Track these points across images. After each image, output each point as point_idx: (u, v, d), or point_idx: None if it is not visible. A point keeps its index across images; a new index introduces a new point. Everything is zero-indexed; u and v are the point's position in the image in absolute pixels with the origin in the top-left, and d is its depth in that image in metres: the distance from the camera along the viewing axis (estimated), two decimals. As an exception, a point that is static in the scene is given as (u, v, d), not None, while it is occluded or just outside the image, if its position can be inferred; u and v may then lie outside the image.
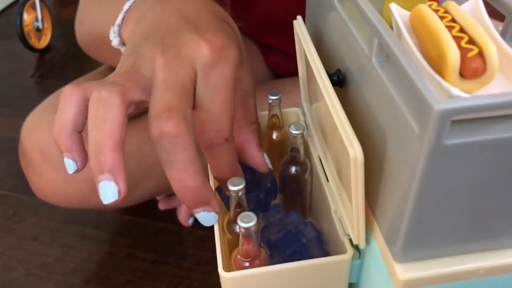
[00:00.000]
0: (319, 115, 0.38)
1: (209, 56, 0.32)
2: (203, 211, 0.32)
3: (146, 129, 0.31)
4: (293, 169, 0.39)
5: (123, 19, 0.41)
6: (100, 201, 0.32)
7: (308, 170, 0.40)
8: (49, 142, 0.62)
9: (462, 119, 0.22)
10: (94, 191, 0.66)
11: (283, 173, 0.40)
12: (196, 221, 0.80)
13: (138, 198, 0.71)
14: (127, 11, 0.41)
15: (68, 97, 0.31)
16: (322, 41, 0.38)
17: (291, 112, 0.45)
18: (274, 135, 0.44)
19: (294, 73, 0.47)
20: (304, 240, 0.38)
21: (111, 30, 0.42)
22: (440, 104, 0.21)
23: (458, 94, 0.22)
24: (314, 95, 0.38)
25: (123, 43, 0.42)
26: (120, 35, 0.42)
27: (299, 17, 0.38)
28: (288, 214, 0.40)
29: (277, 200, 0.42)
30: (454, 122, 0.22)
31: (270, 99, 0.42)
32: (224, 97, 0.32)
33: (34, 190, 0.67)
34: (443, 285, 0.28)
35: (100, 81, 0.32)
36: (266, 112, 0.44)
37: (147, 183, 0.70)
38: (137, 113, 0.68)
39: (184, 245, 0.80)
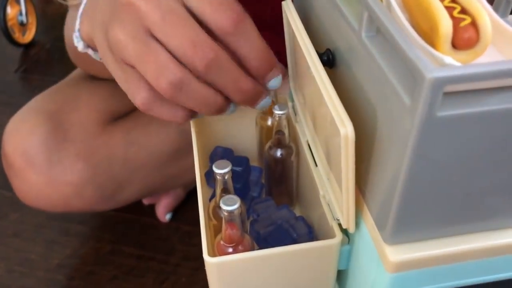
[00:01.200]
0: (308, 99, 0.37)
1: None
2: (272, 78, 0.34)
3: (129, 131, 0.30)
4: (279, 151, 0.38)
5: (80, 23, 0.41)
6: (83, 204, 0.32)
7: (294, 152, 0.39)
8: (32, 144, 0.61)
9: (454, 91, 0.22)
10: (77, 195, 0.64)
11: (269, 155, 0.39)
12: (174, 216, 0.79)
13: (123, 201, 0.71)
14: (81, 14, 0.41)
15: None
16: (311, 22, 0.37)
17: (279, 99, 0.44)
18: (269, 122, 0.43)
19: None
20: (295, 235, 0.37)
21: (73, 37, 0.41)
22: (432, 73, 0.20)
23: (450, 63, 0.21)
24: (302, 79, 0.37)
25: (87, 46, 0.42)
26: (82, 38, 0.41)
27: (287, -1, 0.37)
28: (278, 208, 0.39)
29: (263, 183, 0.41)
30: (447, 94, 0.21)
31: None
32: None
33: (17, 193, 0.66)
34: (434, 267, 0.27)
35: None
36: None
37: (132, 186, 0.70)
38: (120, 115, 0.68)
39: (171, 241, 0.78)
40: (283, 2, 0.37)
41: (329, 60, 0.32)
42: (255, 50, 0.33)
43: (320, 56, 0.32)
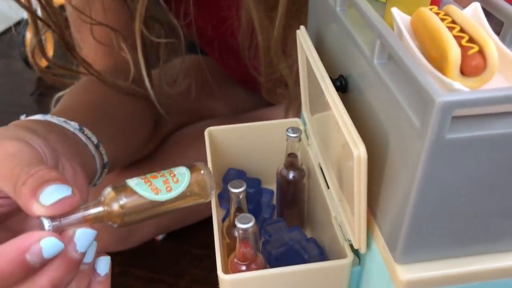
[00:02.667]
0: (321, 123, 0.38)
1: None
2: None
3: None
4: (291, 174, 0.39)
5: None
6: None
7: (306, 175, 0.40)
8: None
9: (463, 115, 0.23)
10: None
11: (281, 177, 0.40)
12: (185, 239, 0.80)
13: (137, 242, 0.74)
14: None
15: None
16: (324, 49, 0.38)
17: (291, 123, 0.46)
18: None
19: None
20: (306, 256, 0.38)
21: None
22: (442, 97, 0.21)
23: (459, 88, 0.22)
24: (315, 104, 0.39)
25: None
26: None
27: (302, 27, 0.39)
28: (290, 229, 0.40)
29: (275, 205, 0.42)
30: (456, 117, 0.23)
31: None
32: None
33: None
34: (444, 287, 0.28)
35: None
36: (272, 122, 0.44)
37: (147, 227, 0.73)
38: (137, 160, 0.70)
39: (180, 264, 0.78)
40: (297, 30, 0.39)
41: (341, 85, 0.34)
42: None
43: (334, 82, 0.34)
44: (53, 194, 0.28)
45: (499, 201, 0.25)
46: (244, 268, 0.33)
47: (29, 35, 1.30)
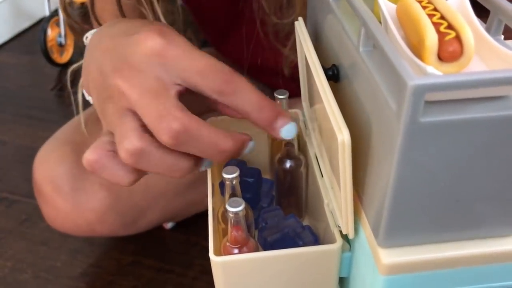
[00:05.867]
0: (317, 113, 0.39)
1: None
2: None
3: None
4: (288, 163, 0.40)
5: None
6: (106, 230, 0.35)
7: (303, 164, 0.41)
8: (59, 173, 0.66)
9: (437, 100, 0.23)
10: (100, 221, 0.69)
11: (278, 167, 0.41)
12: (194, 231, 0.82)
13: (144, 227, 0.75)
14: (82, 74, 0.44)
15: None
16: (321, 39, 0.39)
17: (292, 114, 0.46)
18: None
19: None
20: (301, 243, 0.39)
21: (85, 95, 0.44)
22: (414, 80, 0.22)
23: (432, 72, 0.22)
24: (312, 94, 0.39)
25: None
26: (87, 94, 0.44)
27: (300, 18, 0.40)
28: (286, 217, 0.41)
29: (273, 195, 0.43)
30: (431, 102, 0.23)
31: (278, 98, 0.43)
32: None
33: (45, 218, 0.71)
34: (427, 272, 0.28)
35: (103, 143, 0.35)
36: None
37: (153, 213, 0.74)
38: None
39: (190, 254, 0.80)
40: (296, 22, 0.39)
41: (334, 74, 0.34)
42: (252, 103, 0.34)
43: (326, 71, 0.34)
44: (289, 132, 0.35)
45: (479, 186, 0.26)
46: (236, 251, 0.34)
47: (50, 32, 1.33)
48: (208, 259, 0.81)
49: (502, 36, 0.29)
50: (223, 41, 0.82)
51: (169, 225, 0.83)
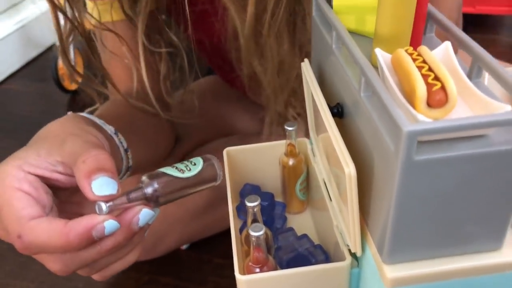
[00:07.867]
0: (324, 143, 0.44)
1: None
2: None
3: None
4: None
5: None
6: None
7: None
8: None
9: (428, 140, 0.28)
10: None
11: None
12: (207, 249, 0.86)
13: (162, 252, 0.80)
14: None
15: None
16: (325, 79, 0.44)
17: (300, 142, 0.51)
18: (291, 162, 0.51)
19: None
20: (313, 261, 0.43)
21: None
22: (407, 127, 0.26)
23: (422, 119, 0.27)
24: (319, 127, 0.44)
25: None
26: None
27: (306, 60, 0.44)
28: (299, 237, 0.46)
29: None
30: (423, 142, 0.28)
31: (287, 130, 0.49)
32: None
33: None
34: (426, 284, 0.33)
35: None
36: (283, 141, 0.50)
37: (170, 238, 0.79)
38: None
39: (203, 272, 0.84)
40: (302, 63, 0.44)
41: (338, 112, 0.39)
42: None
43: (331, 108, 0.39)
44: (103, 187, 0.36)
45: (466, 209, 0.30)
46: (257, 270, 0.38)
47: (61, 60, 1.38)
48: (221, 276, 0.85)
49: (482, 79, 0.34)
50: (227, 74, 0.86)
51: (184, 246, 0.87)
